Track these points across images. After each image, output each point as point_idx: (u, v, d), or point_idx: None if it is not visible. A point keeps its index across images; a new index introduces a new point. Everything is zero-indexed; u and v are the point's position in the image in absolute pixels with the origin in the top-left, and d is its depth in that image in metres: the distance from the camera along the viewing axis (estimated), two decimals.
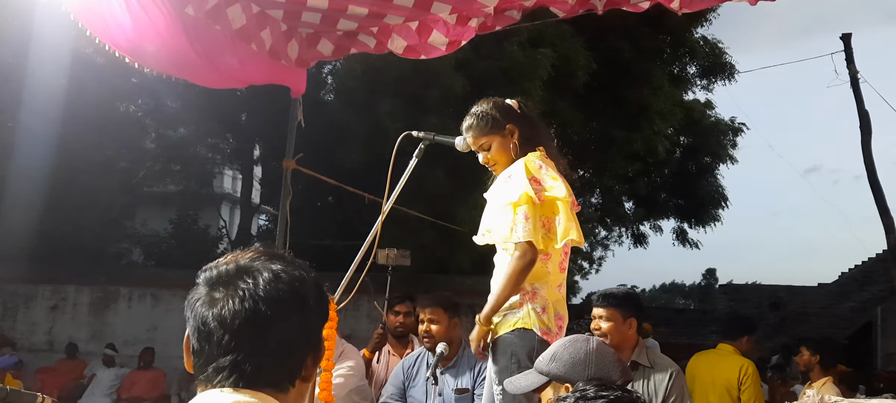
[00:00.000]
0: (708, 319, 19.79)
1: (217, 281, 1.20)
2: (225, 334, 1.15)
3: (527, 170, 2.62)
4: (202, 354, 1.18)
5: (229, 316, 1.16)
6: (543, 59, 10.08)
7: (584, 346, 2.16)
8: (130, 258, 13.97)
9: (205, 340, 1.17)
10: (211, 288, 1.20)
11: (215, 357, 1.15)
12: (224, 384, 1.14)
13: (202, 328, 1.17)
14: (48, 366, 10.03)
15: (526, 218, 2.56)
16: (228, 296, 1.17)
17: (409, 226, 8.48)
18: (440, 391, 3.71)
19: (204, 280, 1.22)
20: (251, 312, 1.16)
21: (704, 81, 14.64)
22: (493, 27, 3.73)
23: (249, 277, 1.19)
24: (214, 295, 1.18)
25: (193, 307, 1.20)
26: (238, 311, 1.16)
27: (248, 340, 1.15)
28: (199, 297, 1.20)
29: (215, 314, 1.16)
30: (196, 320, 1.18)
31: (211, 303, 1.18)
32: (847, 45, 12.68)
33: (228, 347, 1.15)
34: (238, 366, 1.15)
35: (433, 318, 3.77)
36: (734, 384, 4.68)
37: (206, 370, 1.17)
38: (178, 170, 13.66)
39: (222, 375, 1.15)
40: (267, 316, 1.16)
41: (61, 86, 9.35)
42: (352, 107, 10.11)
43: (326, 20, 3.88)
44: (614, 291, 3.56)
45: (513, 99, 2.88)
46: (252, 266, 1.21)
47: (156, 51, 3.19)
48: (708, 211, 15.33)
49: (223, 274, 1.20)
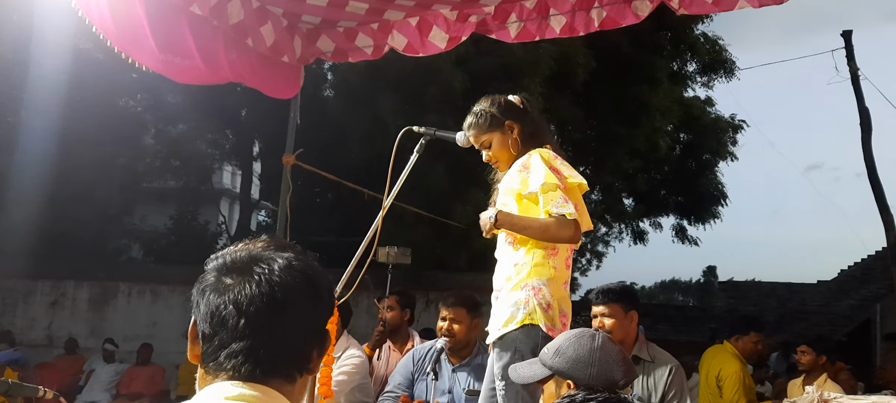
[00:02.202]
0: (707, 316, 19.79)
1: (231, 268, 1.18)
2: (241, 319, 1.13)
3: (544, 159, 2.61)
4: (213, 340, 1.15)
5: (245, 301, 1.14)
6: (544, 56, 10.08)
7: (589, 344, 2.12)
8: (130, 254, 13.98)
9: (218, 325, 1.15)
10: (224, 274, 1.18)
11: (228, 342, 1.13)
12: (237, 371, 1.13)
13: (215, 313, 1.15)
14: (47, 362, 10.03)
15: (566, 200, 2.55)
16: (244, 282, 1.16)
17: (408, 223, 8.49)
18: (450, 388, 3.69)
19: (216, 267, 1.20)
20: (267, 297, 1.14)
21: (705, 78, 14.64)
22: (489, 32, 3.73)
23: (264, 264, 1.17)
24: (227, 280, 1.17)
25: (205, 293, 1.17)
26: (254, 296, 1.14)
27: (264, 326, 1.14)
28: (210, 283, 1.18)
29: (231, 298, 1.14)
30: (208, 305, 1.16)
31: (225, 289, 1.16)
32: (848, 43, 12.65)
33: (244, 333, 1.13)
34: (253, 352, 1.13)
35: (455, 317, 3.72)
36: (718, 381, 4.72)
37: (216, 356, 1.15)
38: (178, 166, 13.66)
39: (235, 361, 1.13)
40: (282, 303, 1.15)
41: (61, 83, 9.34)
42: (352, 103, 10.11)
43: (328, 15, 3.88)
44: (612, 286, 3.56)
45: (516, 95, 2.87)
46: (265, 254, 1.19)
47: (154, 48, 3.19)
48: (708, 209, 15.34)
49: (237, 261, 1.19)
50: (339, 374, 3.84)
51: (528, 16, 3.62)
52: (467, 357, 3.73)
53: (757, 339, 4.88)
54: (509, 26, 3.67)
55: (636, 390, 3.30)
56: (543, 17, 3.59)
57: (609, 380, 2.05)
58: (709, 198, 15.22)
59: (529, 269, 2.59)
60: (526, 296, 2.57)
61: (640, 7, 3.35)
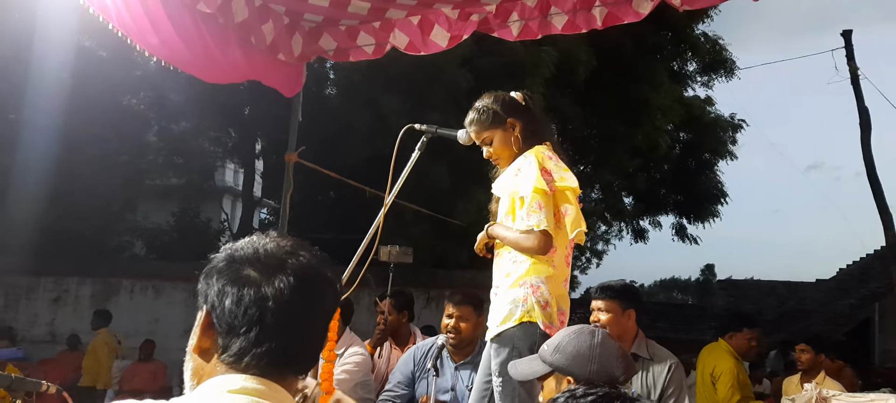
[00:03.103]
0: (706, 315, 19.80)
1: (254, 261, 1.16)
2: (271, 316, 1.12)
3: (538, 160, 2.61)
4: (236, 335, 1.13)
5: (276, 298, 1.13)
6: (546, 56, 10.10)
7: (589, 340, 2.13)
8: (132, 251, 14.01)
9: (244, 321, 1.12)
10: (250, 267, 1.15)
11: (257, 338, 1.11)
12: (258, 367, 1.11)
13: (241, 307, 1.12)
14: (50, 358, 10.07)
15: (540, 207, 2.55)
16: (276, 277, 1.14)
17: (408, 220, 8.51)
18: (453, 385, 3.69)
19: (237, 259, 1.17)
20: (300, 295, 1.14)
21: (705, 78, 14.67)
22: (491, 31, 3.74)
23: (293, 260, 1.17)
24: (252, 274, 1.14)
25: (228, 285, 1.14)
26: (286, 294, 1.13)
27: (295, 325, 1.14)
28: (234, 275, 1.15)
29: (262, 294, 1.13)
30: (233, 299, 1.13)
31: (251, 283, 1.14)
32: (848, 42, 12.68)
33: (274, 330, 1.12)
34: (281, 351, 1.12)
35: (462, 315, 3.70)
36: (712, 378, 4.74)
37: (238, 350, 1.12)
38: (180, 164, 13.69)
39: (260, 357, 1.11)
40: (312, 302, 1.16)
41: (64, 80, 9.36)
42: (354, 101, 10.13)
43: (330, 14, 3.89)
44: (612, 283, 3.57)
45: (518, 92, 2.86)
46: (292, 249, 1.19)
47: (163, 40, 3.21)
48: (707, 208, 15.35)
49: (267, 255, 1.17)
50: (342, 372, 3.86)
51: (529, 14, 3.62)
52: (470, 355, 3.72)
53: (751, 336, 4.90)
54: (511, 25, 3.67)
55: (635, 387, 3.31)
56: (545, 16, 3.58)
57: (609, 376, 2.05)
58: (708, 197, 15.23)
59: (528, 266, 2.59)
60: (524, 294, 2.58)
61: (642, 4, 3.35)
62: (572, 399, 1.45)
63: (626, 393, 1.70)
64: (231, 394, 1.10)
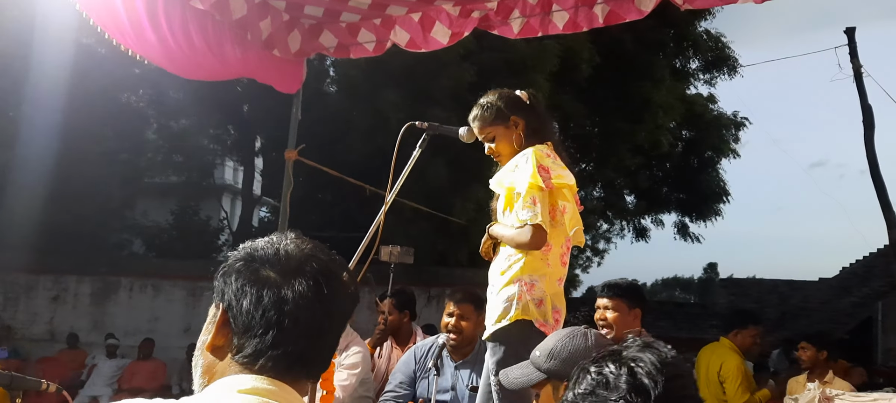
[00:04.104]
0: (708, 313, 19.76)
1: (276, 263, 1.15)
2: (291, 320, 1.11)
3: (536, 157, 2.60)
4: (253, 336, 1.12)
5: (298, 302, 1.12)
6: (549, 52, 10.07)
7: (584, 342, 2.08)
8: (131, 249, 14.00)
9: (263, 323, 1.11)
10: (271, 269, 1.14)
11: (276, 341, 1.11)
12: (274, 370, 1.11)
13: (259, 309, 1.12)
14: (49, 356, 10.05)
15: (534, 202, 2.53)
16: (297, 281, 1.13)
17: (408, 218, 8.48)
18: (453, 384, 3.67)
19: (256, 259, 1.16)
20: (322, 300, 1.14)
21: (707, 75, 14.63)
22: (491, 28, 3.71)
23: (312, 261, 1.16)
24: (272, 275, 1.13)
25: (248, 285, 1.13)
26: (308, 298, 1.13)
27: (315, 330, 1.14)
28: (254, 276, 1.14)
29: (282, 297, 1.12)
30: (249, 297, 1.12)
31: (272, 284, 1.13)
32: (851, 40, 12.62)
33: (295, 334, 1.12)
34: (299, 355, 1.12)
35: (463, 314, 3.69)
36: (719, 378, 4.71)
37: (254, 352, 1.11)
38: (180, 161, 13.68)
39: (277, 360, 1.10)
40: (333, 307, 1.15)
41: (63, 77, 9.33)
42: (354, 98, 10.11)
43: (330, 10, 3.86)
44: (619, 282, 3.57)
45: (523, 90, 2.85)
46: (307, 249, 1.18)
47: (156, 42, 3.18)
48: (709, 206, 15.30)
49: (282, 256, 1.16)
50: (346, 376, 3.85)
51: (531, 11, 3.59)
52: (470, 354, 3.71)
53: (755, 333, 4.87)
54: (512, 22, 3.64)
55: None
56: (546, 13, 3.55)
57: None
58: (711, 195, 15.18)
59: (522, 264, 2.59)
60: (518, 291, 2.57)
61: (643, 2, 3.32)
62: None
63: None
64: (242, 394, 1.09)
